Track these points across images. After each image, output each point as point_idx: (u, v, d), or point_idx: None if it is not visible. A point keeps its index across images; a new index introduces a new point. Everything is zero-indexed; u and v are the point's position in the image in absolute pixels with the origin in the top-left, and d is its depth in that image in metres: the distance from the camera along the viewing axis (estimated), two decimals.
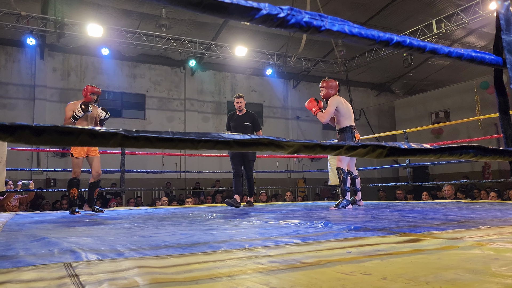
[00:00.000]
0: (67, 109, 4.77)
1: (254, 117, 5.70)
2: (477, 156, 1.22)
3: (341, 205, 4.41)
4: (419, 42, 1.27)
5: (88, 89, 4.86)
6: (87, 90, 4.86)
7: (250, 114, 5.67)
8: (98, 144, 0.82)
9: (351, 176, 4.73)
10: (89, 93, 4.84)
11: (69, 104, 4.85)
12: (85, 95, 4.85)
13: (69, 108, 4.77)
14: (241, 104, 5.60)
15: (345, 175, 4.52)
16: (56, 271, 1.14)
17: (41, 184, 10.90)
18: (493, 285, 0.82)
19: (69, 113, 4.73)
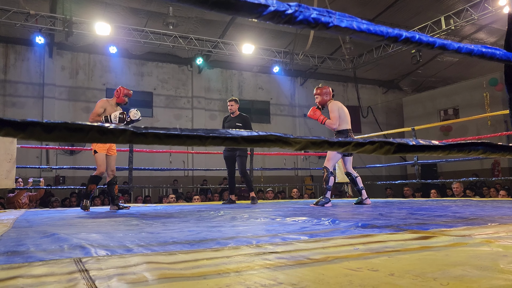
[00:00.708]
0: (98, 105, 4.74)
1: (246, 119, 5.94)
2: (486, 152, 1.21)
3: (320, 202, 4.53)
4: (428, 38, 1.27)
5: (121, 91, 4.84)
6: (120, 91, 4.84)
7: (242, 116, 5.94)
8: (108, 140, 0.83)
9: (350, 176, 4.80)
10: (122, 95, 4.82)
11: (101, 100, 4.82)
12: (118, 96, 4.83)
13: (100, 104, 4.74)
14: (232, 108, 5.87)
15: (329, 174, 4.62)
16: (66, 266, 1.15)
17: (50, 181, 11.01)
18: (501, 282, 0.82)
19: (99, 109, 4.70)
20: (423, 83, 16.18)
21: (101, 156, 4.77)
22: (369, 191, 11.90)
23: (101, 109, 4.71)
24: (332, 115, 4.66)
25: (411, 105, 15.69)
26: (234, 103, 5.88)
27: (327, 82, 15.58)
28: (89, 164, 10.42)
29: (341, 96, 15.81)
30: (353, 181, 4.82)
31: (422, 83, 16.20)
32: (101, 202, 8.78)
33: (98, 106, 4.75)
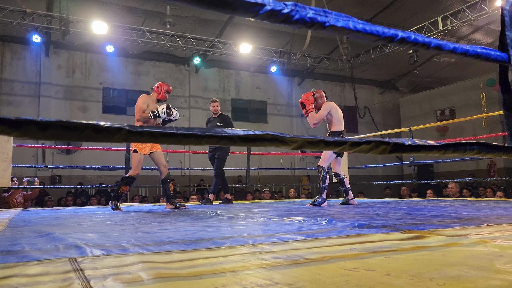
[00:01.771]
0: (140, 101, 4.53)
1: (226, 119, 6.02)
2: (482, 152, 1.21)
3: (316, 202, 4.54)
4: (424, 38, 1.27)
5: (163, 87, 4.66)
6: (161, 88, 4.66)
7: (223, 116, 6.02)
8: (103, 139, 0.83)
9: (339, 177, 4.82)
10: (164, 91, 4.66)
11: (142, 96, 4.62)
12: (159, 93, 4.65)
13: (143, 100, 4.54)
14: (218, 108, 5.95)
15: (324, 173, 4.63)
16: (61, 265, 1.15)
17: (46, 181, 10.97)
18: (498, 282, 0.82)
19: (143, 106, 4.50)
20: (420, 83, 16.22)
21: (138, 157, 4.54)
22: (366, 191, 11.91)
23: (144, 105, 4.50)
24: (320, 113, 4.67)
25: (408, 106, 15.73)
26: (217, 104, 5.93)
27: (324, 82, 15.61)
28: (85, 164, 10.41)
29: (338, 96, 15.82)
30: (341, 182, 4.86)
31: (419, 83, 16.24)
32: (97, 202, 8.75)
33: (141, 102, 4.53)
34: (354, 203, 4.80)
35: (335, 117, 4.72)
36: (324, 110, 4.69)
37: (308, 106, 4.68)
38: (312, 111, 4.67)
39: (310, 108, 4.67)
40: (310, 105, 4.68)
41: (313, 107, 4.68)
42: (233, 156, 11.72)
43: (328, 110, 4.70)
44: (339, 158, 4.87)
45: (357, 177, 11.97)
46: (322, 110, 4.69)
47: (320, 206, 4.38)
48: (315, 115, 4.66)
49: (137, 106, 4.54)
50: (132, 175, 4.55)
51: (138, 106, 4.53)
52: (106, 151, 9.67)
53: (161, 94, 4.65)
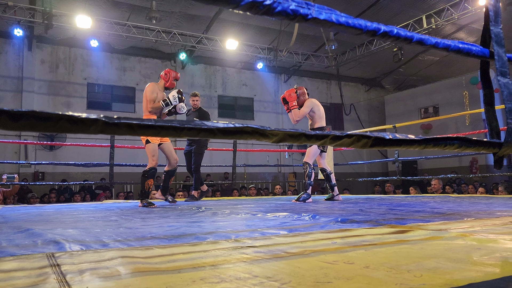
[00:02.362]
0: (148, 90, 4.34)
1: (204, 114, 5.95)
2: (462, 147, 1.22)
3: (301, 198, 4.56)
4: (406, 33, 1.27)
5: (171, 74, 4.47)
6: (170, 75, 4.46)
7: (201, 111, 5.97)
8: (78, 130, 0.81)
9: (325, 172, 4.85)
10: (172, 78, 4.47)
11: (149, 84, 4.43)
12: (167, 80, 4.45)
13: (151, 89, 4.34)
14: (195, 102, 5.92)
15: (310, 169, 4.65)
16: (37, 261, 1.12)
17: (29, 177, 10.78)
18: (473, 273, 0.83)
19: (153, 95, 4.32)
20: (404, 81, 16.38)
21: (153, 146, 4.34)
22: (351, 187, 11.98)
23: (153, 95, 4.32)
24: (302, 110, 4.69)
25: (393, 103, 15.88)
26: (198, 98, 5.89)
27: (310, 79, 15.65)
28: (69, 160, 10.26)
29: (325, 94, 15.89)
30: (327, 177, 4.88)
31: (403, 81, 16.40)
32: (82, 199, 8.64)
33: (149, 91, 4.33)
34: (339, 199, 4.83)
35: (317, 114, 4.74)
36: (307, 107, 4.70)
37: (291, 103, 4.68)
38: (295, 108, 4.68)
39: (293, 105, 4.68)
40: (293, 102, 4.68)
41: (296, 104, 4.69)
42: (220, 153, 11.69)
43: (310, 107, 4.72)
44: (323, 154, 4.89)
45: (343, 174, 12.05)
46: (304, 107, 4.71)
47: (305, 202, 4.40)
48: (298, 112, 4.68)
49: (145, 97, 4.36)
50: (152, 166, 4.36)
51: (147, 96, 4.34)
52: (90, 147, 9.56)
53: (169, 82, 4.47)
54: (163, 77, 4.51)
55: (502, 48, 1.47)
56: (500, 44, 1.47)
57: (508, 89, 1.45)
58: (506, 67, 1.46)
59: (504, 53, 1.46)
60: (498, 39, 1.47)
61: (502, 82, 1.45)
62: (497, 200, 3.84)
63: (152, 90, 4.36)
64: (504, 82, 1.45)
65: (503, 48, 1.48)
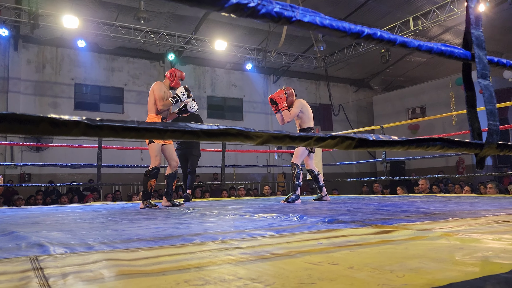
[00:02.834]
0: (156, 88, 4.25)
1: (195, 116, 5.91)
2: (444, 148, 1.24)
3: (290, 199, 4.57)
4: (390, 35, 1.28)
5: (177, 73, 4.39)
6: (175, 74, 4.39)
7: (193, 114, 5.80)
8: (60, 133, 0.80)
9: (313, 173, 4.88)
10: (178, 78, 4.40)
11: (156, 83, 4.34)
12: (172, 80, 4.38)
13: (159, 87, 4.26)
14: None
15: (298, 170, 4.66)
16: (20, 264, 1.11)
17: (15, 179, 10.63)
18: (455, 273, 0.84)
19: (162, 93, 4.23)
20: (392, 82, 16.53)
21: (156, 146, 4.27)
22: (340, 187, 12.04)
23: (162, 92, 4.23)
24: (292, 110, 4.71)
25: (381, 104, 16.02)
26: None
27: (299, 80, 15.71)
28: (56, 161, 10.15)
29: (314, 94, 15.96)
30: (315, 178, 4.90)
31: (391, 82, 16.56)
32: (69, 200, 8.55)
33: (157, 89, 4.25)
34: (328, 199, 4.86)
35: (306, 114, 4.77)
36: (296, 107, 4.73)
37: (281, 104, 4.70)
38: (285, 109, 4.70)
39: (283, 106, 4.69)
40: (283, 103, 4.70)
41: (286, 105, 4.70)
42: (209, 154, 11.64)
43: (300, 107, 4.74)
44: (311, 154, 4.92)
45: (331, 174, 12.12)
46: (294, 107, 4.73)
47: (294, 203, 4.41)
48: (288, 113, 4.70)
49: (155, 95, 4.26)
50: (155, 166, 4.29)
51: (156, 94, 4.25)
52: (78, 148, 9.46)
53: (175, 81, 4.40)
54: (168, 77, 4.44)
55: (483, 51, 1.50)
56: (480, 47, 1.49)
57: (489, 91, 1.47)
58: (486, 70, 1.48)
59: (484, 56, 1.49)
60: (479, 41, 1.50)
61: (482, 84, 1.47)
62: (482, 199, 3.90)
63: (160, 88, 4.28)
64: (485, 84, 1.47)
65: (484, 51, 1.50)
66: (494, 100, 1.47)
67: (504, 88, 12.13)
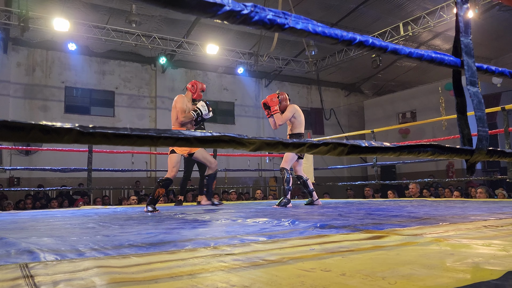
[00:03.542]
0: (179, 101, 4.40)
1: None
2: (435, 154, 1.25)
3: (282, 203, 4.58)
4: (381, 42, 1.30)
5: (198, 86, 4.54)
6: (197, 87, 4.54)
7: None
8: (51, 140, 0.79)
9: (301, 179, 4.90)
10: (200, 90, 4.55)
11: (179, 96, 4.49)
12: (194, 92, 4.54)
13: (181, 100, 4.41)
14: None
15: (288, 174, 4.68)
16: (10, 272, 1.10)
17: (4, 183, 10.50)
18: (446, 280, 0.85)
19: (184, 106, 4.37)
20: (383, 87, 16.67)
21: (177, 158, 4.36)
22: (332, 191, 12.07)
23: (184, 105, 4.39)
24: (285, 114, 4.73)
25: (372, 108, 16.13)
26: None
27: (291, 84, 15.76)
28: (46, 165, 10.03)
29: (305, 98, 16.02)
30: (304, 184, 4.91)
31: (382, 87, 16.69)
32: (59, 205, 8.46)
33: (180, 102, 4.40)
34: (319, 203, 4.87)
35: (298, 119, 4.78)
36: (289, 112, 4.74)
37: (273, 108, 4.72)
38: (278, 113, 4.72)
39: (275, 109, 4.71)
40: (275, 107, 4.72)
41: (277, 108, 4.72)
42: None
43: (293, 112, 4.76)
44: (300, 160, 4.93)
45: (323, 178, 12.16)
46: (287, 112, 4.75)
47: (286, 207, 4.41)
48: (280, 117, 4.71)
49: (175, 108, 4.43)
50: (169, 177, 4.33)
51: (178, 107, 4.40)
52: (67, 152, 9.37)
53: (197, 93, 4.57)
54: (190, 89, 4.60)
55: (471, 58, 1.52)
56: (469, 55, 1.51)
57: (477, 98, 1.49)
58: (475, 77, 1.50)
59: (473, 63, 1.51)
60: (468, 49, 1.52)
61: (471, 91, 1.49)
62: (471, 204, 3.94)
63: (182, 101, 4.44)
64: (474, 91, 1.49)
65: (472, 58, 1.52)
66: (483, 106, 1.49)
67: (492, 93, 12.30)
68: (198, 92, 4.58)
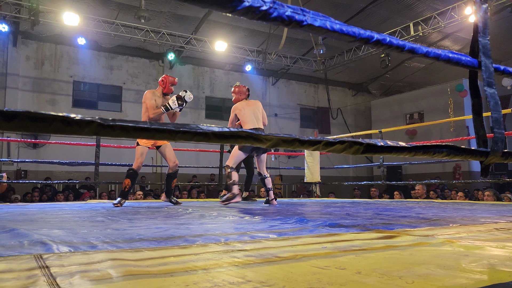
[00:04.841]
0: (147, 97, 4.52)
1: None
2: (450, 155, 1.25)
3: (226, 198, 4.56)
4: (398, 41, 1.29)
5: (168, 79, 4.63)
6: (167, 80, 4.63)
7: None
8: (72, 132, 0.80)
9: (261, 176, 4.90)
10: (169, 84, 4.63)
11: (147, 91, 4.60)
12: (164, 86, 4.62)
13: (149, 96, 4.52)
14: None
15: (230, 170, 4.66)
16: (25, 262, 1.11)
17: (11, 175, 10.58)
18: (463, 280, 0.84)
19: (152, 102, 4.48)
20: (391, 87, 16.59)
21: (141, 149, 4.54)
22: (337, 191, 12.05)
23: (152, 101, 4.50)
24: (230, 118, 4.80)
25: (379, 108, 16.06)
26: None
27: (298, 82, 15.73)
28: (53, 158, 10.09)
29: (312, 97, 15.99)
30: (262, 181, 4.92)
31: (390, 87, 16.61)
32: (65, 198, 8.51)
33: (148, 98, 4.51)
34: (274, 203, 4.86)
35: (241, 118, 4.75)
36: (232, 113, 4.80)
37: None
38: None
39: None
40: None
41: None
42: (206, 154, 11.65)
43: (233, 113, 4.79)
44: (261, 157, 4.92)
45: (329, 177, 12.13)
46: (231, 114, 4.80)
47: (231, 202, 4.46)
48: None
49: (145, 104, 4.53)
50: (134, 168, 4.51)
51: (146, 103, 4.51)
52: (75, 146, 9.43)
53: (167, 88, 4.64)
54: (160, 84, 4.67)
55: (489, 59, 1.51)
56: (487, 55, 1.50)
57: (494, 99, 1.48)
58: (492, 78, 1.49)
59: (491, 64, 1.50)
60: (485, 50, 1.51)
61: (488, 92, 1.48)
62: (480, 206, 3.91)
63: (151, 97, 4.52)
64: (491, 92, 1.48)
65: (490, 59, 1.51)
66: (499, 108, 1.48)
67: (502, 95, 12.20)
68: (168, 86, 4.64)
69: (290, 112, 15.27)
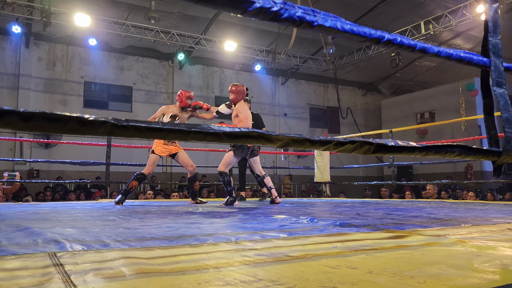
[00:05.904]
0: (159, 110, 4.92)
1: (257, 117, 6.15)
2: (462, 155, 1.24)
3: (228, 202, 4.53)
4: (410, 41, 1.28)
5: (183, 94, 4.93)
6: (182, 95, 4.93)
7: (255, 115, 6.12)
8: (87, 132, 0.81)
9: (259, 178, 4.93)
10: (185, 98, 4.91)
11: (163, 107, 4.99)
12: (181, 100, 4.92)
13: (160, 109, 4.92)
14: None
15: (228, 177, 4.64)
16: (40, 260, 1.13)
17: (24, 175, 10.72)
18: (476, 280, 0.84)
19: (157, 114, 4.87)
20: (401, 86, 16.45)
21: (153, 158, 4.82)
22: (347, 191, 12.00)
23: (159, 114, 4.87)
24: (244, 115, 4.61)
25: (389, 108, 15.95)
26: None
27: (308, 82, 15.69)
28: (65, 158, 10.21)
29: (322, 97, 15.93)
30: (262, 182, 4.92)
31: (400, 86, 16.48)
32: (76, 197, 8.60)
33: (158, 111, 4.93)
34: (278, 201, 4.88)
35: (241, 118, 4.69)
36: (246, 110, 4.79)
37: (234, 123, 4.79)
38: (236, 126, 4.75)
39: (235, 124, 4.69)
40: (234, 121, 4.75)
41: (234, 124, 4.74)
42: (216, 154, 11.66)
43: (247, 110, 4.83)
44: (255, 158, 4.90)
45: (338, 177, 12.09)
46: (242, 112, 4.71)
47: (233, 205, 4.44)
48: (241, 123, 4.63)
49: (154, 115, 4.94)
50: (145, 173, 4.74)
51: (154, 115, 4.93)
52: (86, 146, 9.53)
53: (183, 102, 4.93)
54: (177, 98, 5.01)
55: (499, 58, 1.49)
56: (497, 55, 1.49)
57: (504, 99, 1.47)
58: (502, 78, 1.48)
59: (501, 64, 1.48)
60: (496, 49, 1.49)
61: (498, 92, 1.46)
62: (492, 206, 3.87)
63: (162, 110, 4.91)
64: (500, 92, 1.46)
65: (500, 59, 1.50)
66: (509, 107, 1.47)
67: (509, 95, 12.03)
68: (184, 100, 4.93)
69: (300, 111, 15.23)
